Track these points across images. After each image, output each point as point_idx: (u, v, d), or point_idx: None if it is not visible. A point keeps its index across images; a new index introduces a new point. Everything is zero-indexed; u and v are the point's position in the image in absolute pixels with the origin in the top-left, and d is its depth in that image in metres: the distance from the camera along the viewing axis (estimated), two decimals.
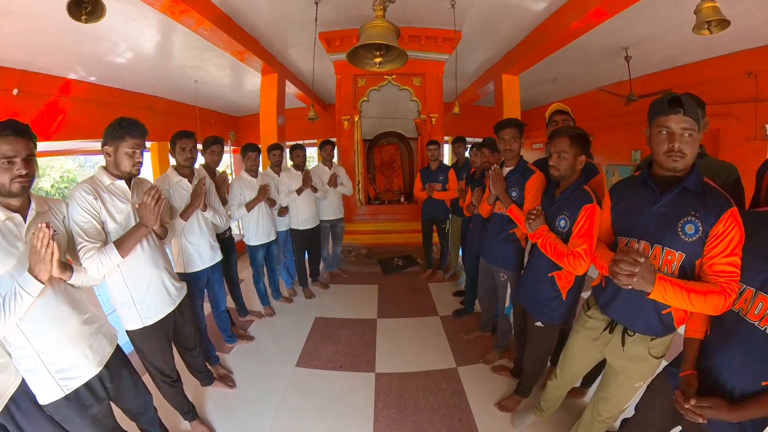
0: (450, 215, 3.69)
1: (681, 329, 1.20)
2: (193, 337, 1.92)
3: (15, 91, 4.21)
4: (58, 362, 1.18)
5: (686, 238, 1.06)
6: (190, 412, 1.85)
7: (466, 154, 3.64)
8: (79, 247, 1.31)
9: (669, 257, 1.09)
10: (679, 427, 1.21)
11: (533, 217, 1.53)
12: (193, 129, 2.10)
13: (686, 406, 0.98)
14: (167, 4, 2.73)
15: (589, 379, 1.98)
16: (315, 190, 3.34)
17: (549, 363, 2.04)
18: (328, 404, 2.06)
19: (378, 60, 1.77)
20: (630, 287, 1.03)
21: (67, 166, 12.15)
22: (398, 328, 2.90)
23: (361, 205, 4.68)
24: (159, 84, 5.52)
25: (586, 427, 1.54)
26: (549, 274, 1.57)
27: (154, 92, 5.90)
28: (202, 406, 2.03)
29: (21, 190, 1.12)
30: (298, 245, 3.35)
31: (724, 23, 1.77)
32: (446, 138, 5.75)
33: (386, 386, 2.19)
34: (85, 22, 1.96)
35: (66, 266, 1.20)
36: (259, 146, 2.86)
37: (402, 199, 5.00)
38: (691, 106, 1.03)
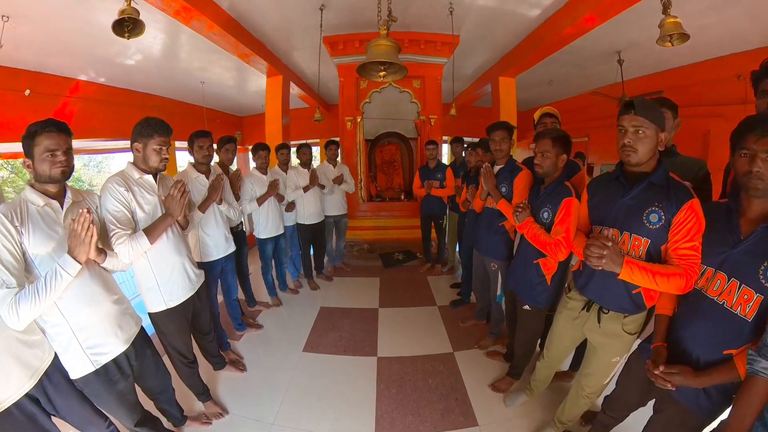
0: (447, 211, 3.85)
1: None
2: (209, 321, 2.07)
3: (27, 92, 4.35)
4: (91, 338, 1.30)
5: (650, 226, 1.20)
6: (204, 393, 1.97)
7: (463, 153, 3.81)
8: (111, 234, 1.42)
9: (636, 243, 1.23)
10: (654, 399, 1.34)
11: (520, 209, 1.70)
12: (199, 129, 2.23)
13: (656, 373, 1.10)
14: (179, 10, 2.88)
15: (576, 363, 2.12)
16: (322, 187, 3.51)
17: (538, 348, 2.19)
18: (333, 385, 2.20)
19: (382, 74, 2.05)
20: (600, 268, 1.18)
21: None
22: (398, 316, 3.06)
23: (363, 202, 4.85)
24: (167, 85, 5.65)
25: (572, 403, 1.67)
26: (534, 261, 1.73)
27: (162, 93, 6.02)
28: (215, 388, 2.15)
29: (62, 176, 1.24)
30: (304, 239, 3.52)
31: (684, 37, 1.92)
32: (445, 138, 5.90)
33: (387, 369, 2.34)
34: (128, 38, 2.09)
35: (100, 250, 1.31)
36: (269, 146, 3.03)
37: (402, 197, 5.17)
38: (644, 108, 1.17)
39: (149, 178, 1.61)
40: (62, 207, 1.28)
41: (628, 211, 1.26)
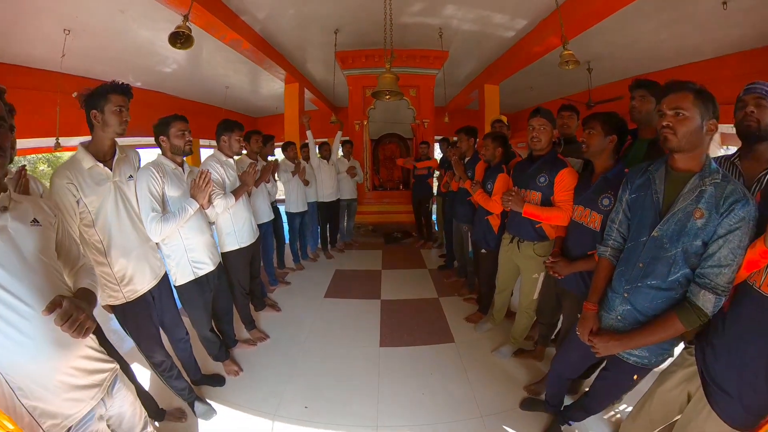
0: (435, 196, 4.70)
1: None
2: (259, 266, 2.85)
3: (75, 94, 5.06)
4: (196, 256, 1.89)
5: (540, 185, 1.95)
6: (251, 323, 2.67)
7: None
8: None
9: (533, 196, 1.98)
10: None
11: (474, 184, 2.54)
12: None
13: (545, 263, 1.80)
14: (221, 32, 3.64)
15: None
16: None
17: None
18: (348, 318, 2.95)
19: (387, 97, 2.91)
20: (510, 208, 1.97)
21: None
22: (397, 275, 3.88)
23: (369, 191, 5.68)
24: (194, 89, 6.39)
25: (518, 320, 2.36)
26: (486, 218, 2.53)
27: (187, 96, 6.71)
28: (258, 323, 2.76)
29: (189, 150, 1.84)
30: (322, 217, 4.37)
31: (576, 63, 2.73)
32: (438, 138, 6.68)
33: (388, 307, 3.11)
34: (179, 49, 2.53)
35: (209, 200, 2.00)
36: (294, 142, 3.92)
37: (400, 187, 6.02)
38: (545, 113, 1.93)
39: (231, 160, 2.41)
40: (184, 172, 1.91)
41: (528, 178, 2.03)
